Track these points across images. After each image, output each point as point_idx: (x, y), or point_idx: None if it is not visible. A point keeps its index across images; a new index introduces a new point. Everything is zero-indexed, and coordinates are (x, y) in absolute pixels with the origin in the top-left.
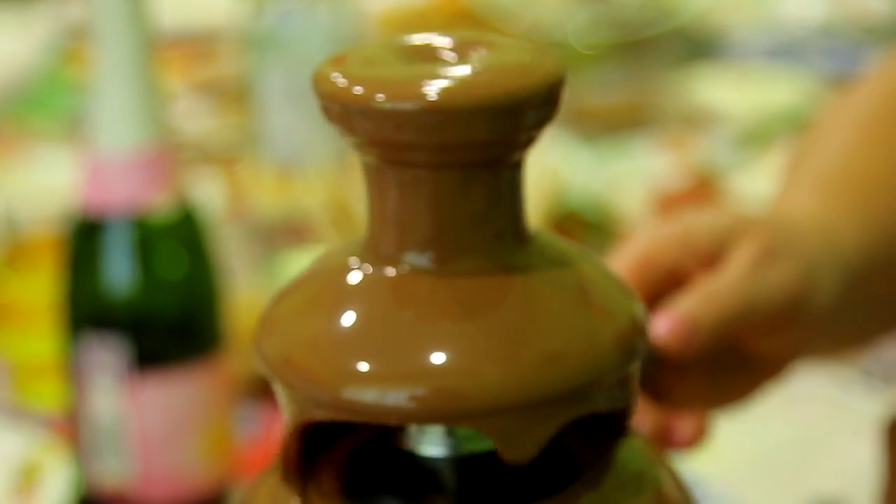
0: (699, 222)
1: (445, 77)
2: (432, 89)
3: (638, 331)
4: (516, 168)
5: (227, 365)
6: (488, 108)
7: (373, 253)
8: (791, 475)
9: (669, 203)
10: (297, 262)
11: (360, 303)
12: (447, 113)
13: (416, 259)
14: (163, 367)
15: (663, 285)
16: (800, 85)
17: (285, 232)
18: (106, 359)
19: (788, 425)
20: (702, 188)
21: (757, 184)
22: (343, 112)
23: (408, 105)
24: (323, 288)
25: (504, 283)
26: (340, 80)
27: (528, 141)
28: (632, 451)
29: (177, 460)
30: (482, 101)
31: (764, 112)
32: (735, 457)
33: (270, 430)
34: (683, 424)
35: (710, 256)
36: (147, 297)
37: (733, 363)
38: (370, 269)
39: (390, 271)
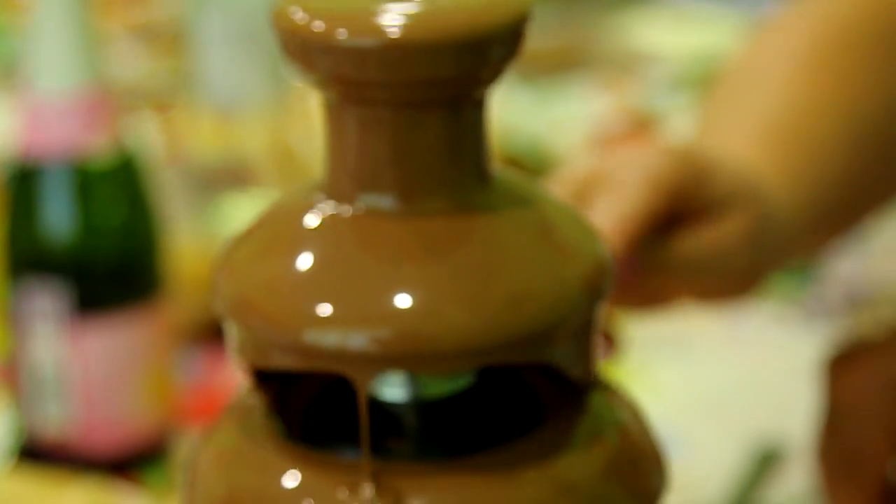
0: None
1: (409, 12)
2: (395, 24)
3: (603, 271)
4: (480, 106)
5: (169, 310)
6: (453, 43)
7: (332, 194)
8: (735, 416)
9: (609, 146)
10: (239, 208)
11: (321, 245)
12: (411, 49)
13: (378, 200)
14: (104, 312)
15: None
16: (735, 27)
17: (225, 176)
18: (46, 305)
19: (732, 366)
20: (641, 131)
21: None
22: (303, 49)
23: (370, 41)
24: (281, 230)
25: (468, 224)
26: (300, 16)
27: (493, 77)
28: (599, 397)
29: (119, 407)
30: (447, 35)
31: (700, 54)
32: (679, 398)
33: (212, 376)
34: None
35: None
36: (87, 243)
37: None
38: (330, 211)
39: (351, 212)
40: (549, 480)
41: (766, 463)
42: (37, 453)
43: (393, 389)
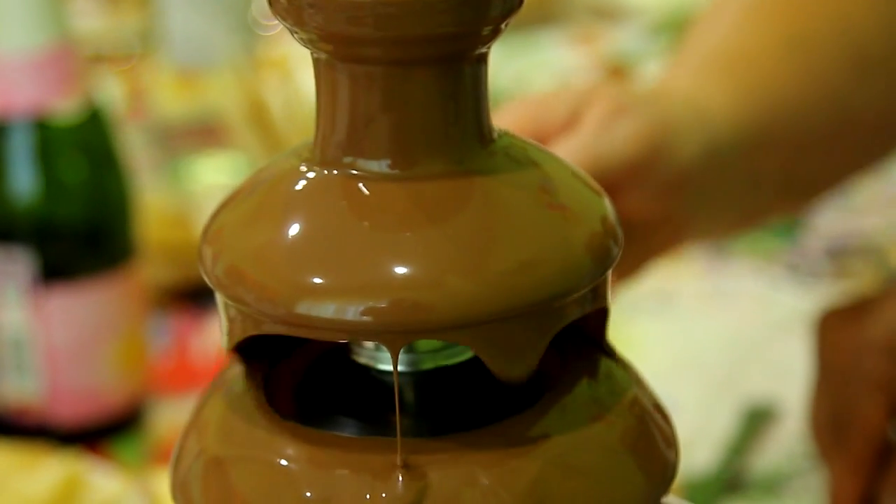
0: (554, 95)
1: None
2: None
3: (610, 233)
4: (479, 64)
5: (138, 275)
6: None
7: (324, 158)
8: (722, 376)
9: None
10: (209, 168)
11: (312, 211)
12: (407, 4)
13: (372, 164)
14: (70, 278)
15: None
16: None
17: (191, 135)
18: (10, 271)
19: (716, 324)
20: (615, 80)
21: None
22: (291, 4)
23: None
24: (271, 196)
25: (468, 188)
26: None
27: (493, 34)
28: (607, 368)
29: (88, 376)
30: None
31: (675, 2)
32: (662, 358)
33: (186, 343)
34: None
35: (566, 125)
36: (51, 205)
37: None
38: (321, 175)
39: (344, 177)
40: (560, 454)
41: (755, 423)
42: (4, 424)
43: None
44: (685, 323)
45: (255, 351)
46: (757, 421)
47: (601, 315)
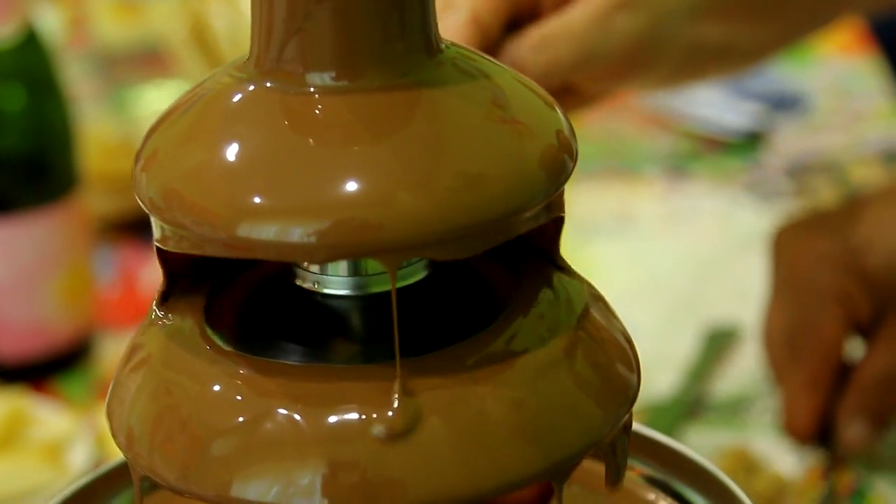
0: None
1: None
2: None
3: (565, 147)
4: None
5: (81, 206)
6: None
7: (262, 72)
8: (682, 298)
9: None
10: (152, 96)
11: (253, 128)
12: None
13: (314, 76)
14: (10, 211)
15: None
16: None
17: (135, 62)
18: None
19: (676, 245)
20: None
21: None
22: None
23: None
24: (206, 113)
25: (415, 101)
26: None
27: None
28: (564, 287)
29: (32, 310)
30: None
31: None
32: (621, 282)
33: (133, 277)
34: None
35: (561, 2)
36: None
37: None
38: (260, 89)
39: (284, 91)
40: (512, 378)
41: (716, 345)
42: None
43: (336, 285)
44: (644, 245)
45: (194, 279)
46: (718, 343)
47: (555, 229)
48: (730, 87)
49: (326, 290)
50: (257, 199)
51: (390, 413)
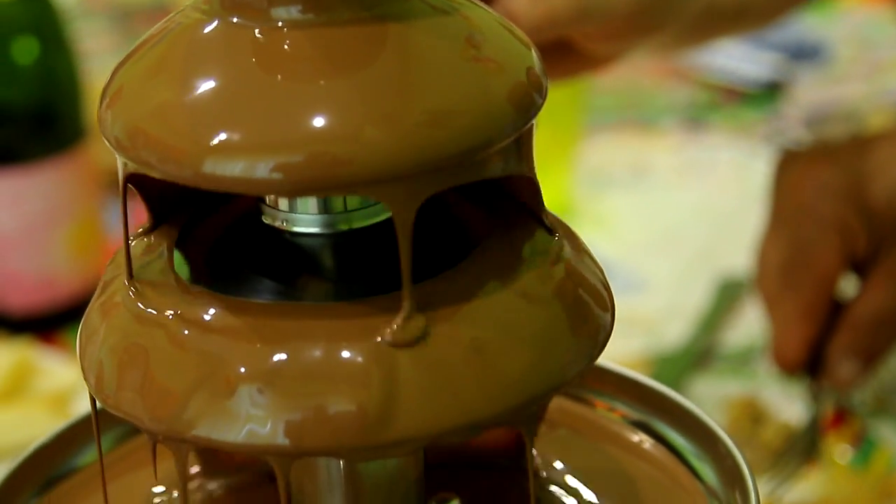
0: None
1: None
2: None
3: (535, 85)
4: None
5: (90, 158)
6: None
7: (227, 7)
8: (696, 250)
9: None
10: None
11: (218, 64)
12: None
13: (280, 11)
14: (19, 162)
15: None
16: None
17: (149, 17)
18: None
19: (691, 196)
20: None
21: None
22: None
23: None
24: (172, 49)
25: (384, 35)
26: None
27: None
28: (543, 235)
29: (40, 262)
30: None
31: None
32: (636, 234)
33: (139, 227)
34: None
35: None
36: None
37: (558, 52)
38: (226, 24)
39: (250, 26)
40: (477, 316)
41: (727, 296)
42: None
43: (306, 224)
44: (659, 196)
45: (163, 219)
46: (730, 294)
47: (533, 185)
48: (749, 37)
49: (296, 229)
50: (223, 135)
51: (364, 351)
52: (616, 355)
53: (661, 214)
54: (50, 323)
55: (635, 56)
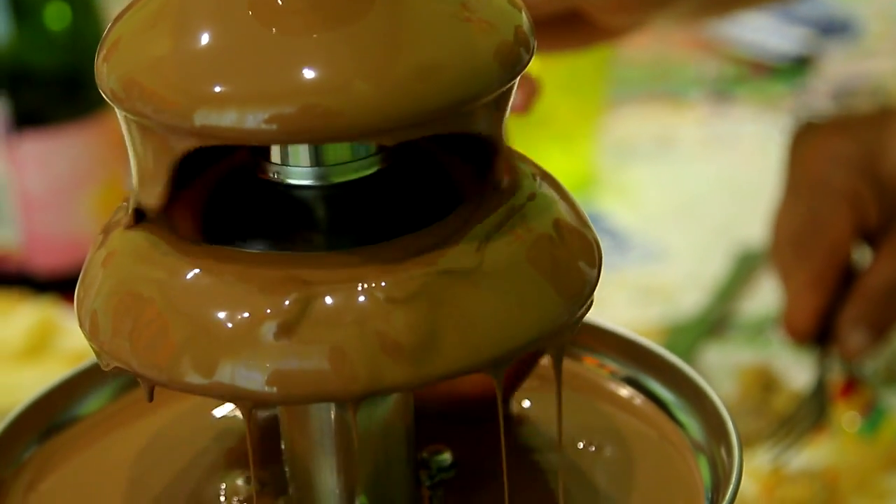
0: None
1: None
2: None
3: (522, 43)
4: None
5: (117, 123)
6: None
7: None
8: (717, 222)
9: None
10: None
11: (213, 16)
12: None
13: None
14: (46, 124)
15: None
16: None
17: None
18: None
19: (715, 169)
20: None
21: None
22: None
23: None
24: (168, 2)
25: None
26: None
27: None
28: (524, 179)
29: (65, 223)
30: None
31: None
32: (658, 204)
33: None
34: None
35: None
36: (28, 51)
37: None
38: None
39: None
40: (458, 264)
41: (745, 267)
42: None
43: (299, 175)
44: (683, 168)
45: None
46: (748, 265)
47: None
48: (777, 11)
49: (289, 181)
50: (216, 86)
51: (352, 301)
52: (633, 323)
53: (683, 186)
54: (74, 283)
55: (656, 27)
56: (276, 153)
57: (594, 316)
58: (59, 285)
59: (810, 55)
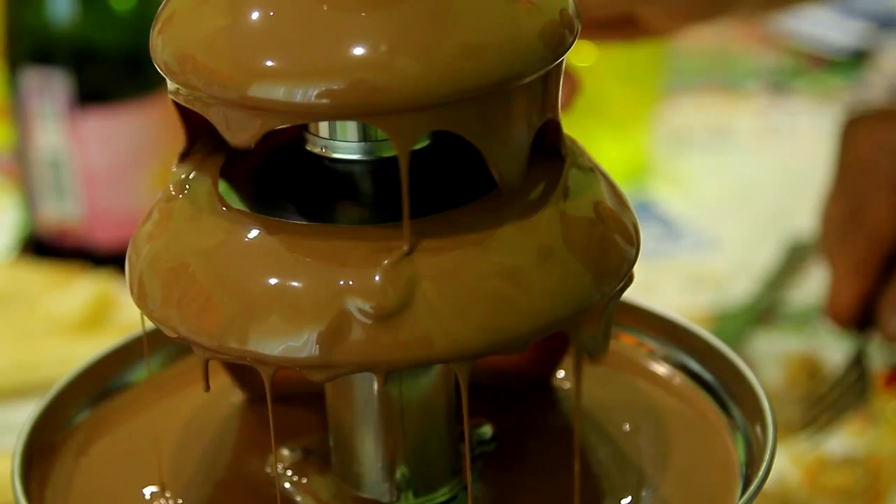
0: None
1: None
2: None
3: (567, 24)
4: None
5: None
6: None
7: None
8: (770, 212)
9: None
10: None
11: None
12: None
13: None
14: (108, 102)
15: None
16: None
17: None
18: (49, 93)
19: (770, 160)
20: None
21: None
22: None
23: None
24: None
25: None
26: None
27: None
28: (577, 168)
29: (125, 199)
30: None
31: None
32: (712, 193)
33: None
34: None
35: None
36: (92, 30)
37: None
38: None
39: None
40: (498, 241)
41: (796, 257)
42: (42, 246)
43: (346, 150)
44: (738, 159)
45: (214, 143)
46: (799, 255)
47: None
48: (837, 4)
49: (335, 155)
50: (268, 61)
51: (388, 278)
52: (683, 309)
53: (737, 176)
54: None
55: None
56: (324, 128)
57: (644, 301)
58: (118, 260)
59: (868, 49)
